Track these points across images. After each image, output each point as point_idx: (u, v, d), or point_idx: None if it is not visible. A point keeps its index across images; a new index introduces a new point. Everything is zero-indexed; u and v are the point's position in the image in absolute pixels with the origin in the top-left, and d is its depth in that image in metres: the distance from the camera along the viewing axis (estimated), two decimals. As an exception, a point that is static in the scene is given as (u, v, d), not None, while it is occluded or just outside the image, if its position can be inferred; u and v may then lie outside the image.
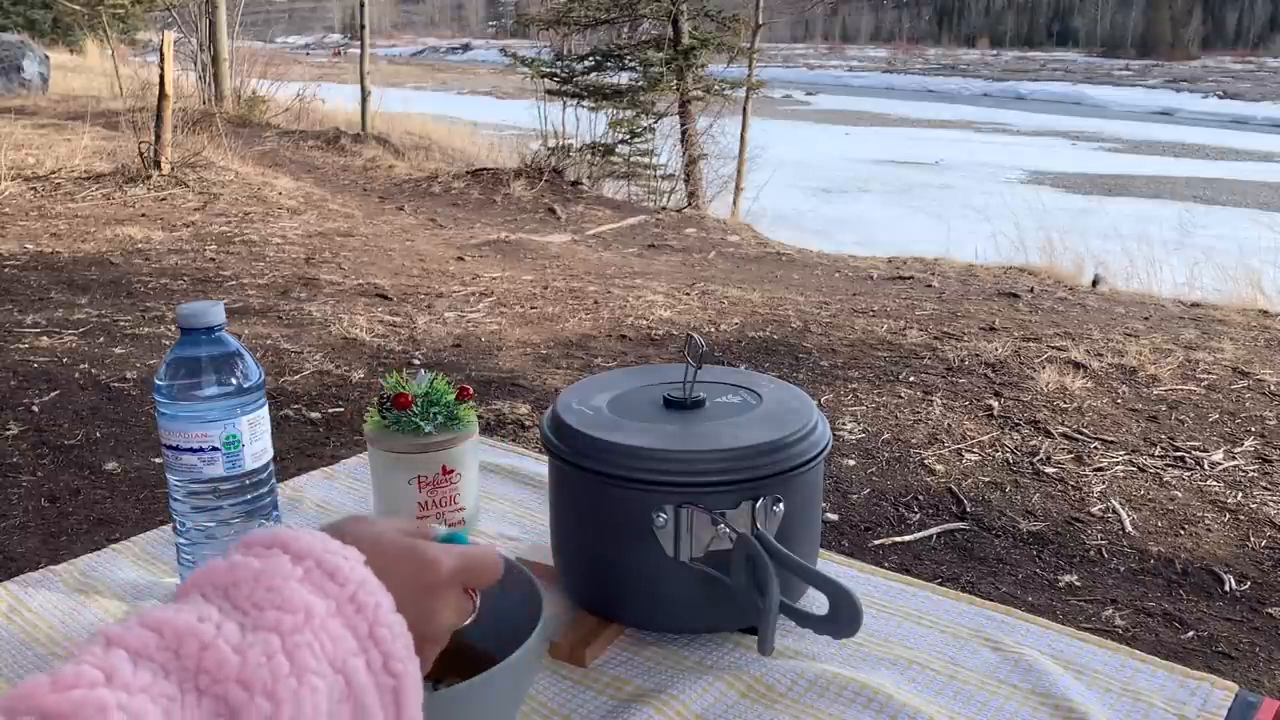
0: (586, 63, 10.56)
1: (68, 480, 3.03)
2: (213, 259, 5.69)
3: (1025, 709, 0.83)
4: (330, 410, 3.59)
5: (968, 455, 3.36)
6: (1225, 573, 2.68)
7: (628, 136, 10.31)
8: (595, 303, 5.09)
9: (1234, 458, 3.39)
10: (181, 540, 0.98)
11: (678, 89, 10.33)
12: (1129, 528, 2.90)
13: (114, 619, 0.96)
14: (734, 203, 10.33)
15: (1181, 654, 2.33)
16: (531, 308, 4.98)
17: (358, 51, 12.18)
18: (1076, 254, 7.10)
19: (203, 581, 0.49)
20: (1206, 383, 4.09)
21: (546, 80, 10.39)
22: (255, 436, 0.96)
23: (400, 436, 1.05)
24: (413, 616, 0.52)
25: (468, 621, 0.61)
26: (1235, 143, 20.27)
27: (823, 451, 0.91)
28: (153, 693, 0.42)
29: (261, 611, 0.47)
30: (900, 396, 3.85)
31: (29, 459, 3.16)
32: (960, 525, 2.90)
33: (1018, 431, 3.55)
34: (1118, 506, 3.02)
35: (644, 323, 4.77)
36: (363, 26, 11.74)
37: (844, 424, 3.56)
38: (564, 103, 10.29)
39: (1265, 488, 3.17)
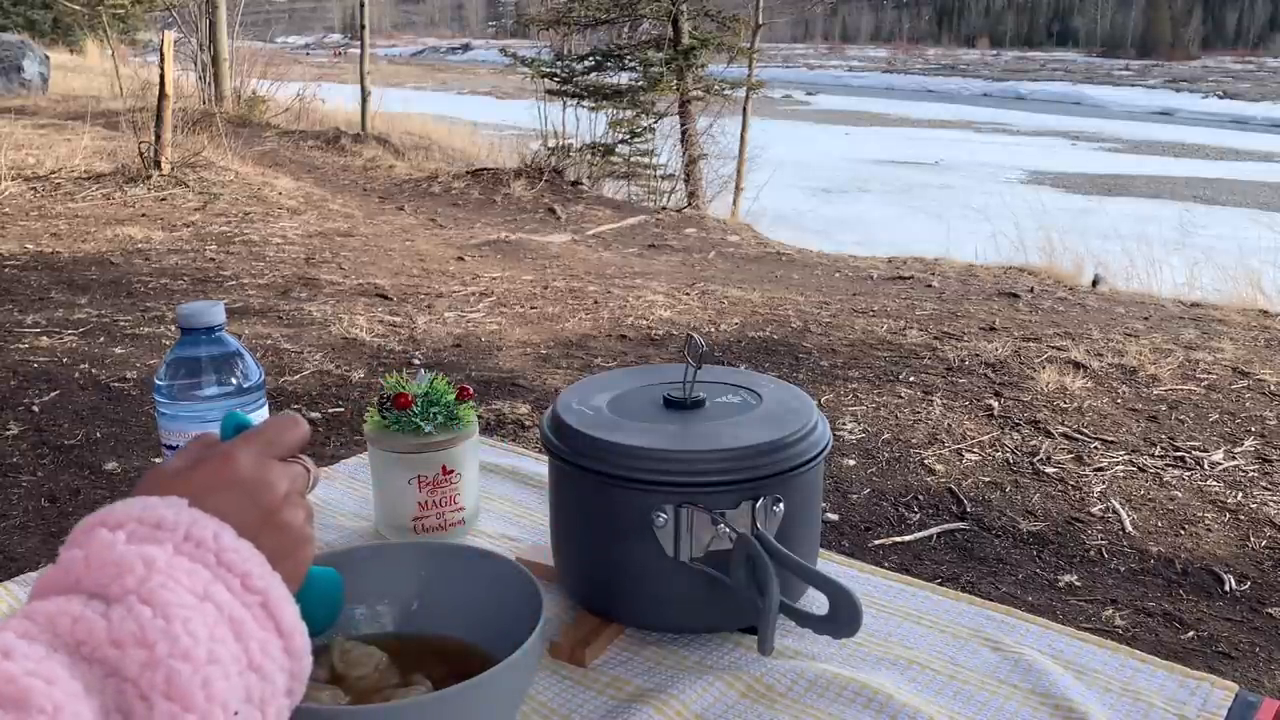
0: (586, 63, 10.56)
1: (68, 480, 3.03)
2: (213, 259, 5.69)
3: (1025, 709, 0.83)
4: (330, 410, 3.59)
5: (968, 455, 3.36)
6: (1225, 573, 2.68)
7: (628, 136, 10.31)
8: (595, 303, 5.09)
9: (1234, 458, 3.39)
10: (181, 540, 0.98)
11: (678, 89, 10.33)
12: (1129, 528, 2.90)
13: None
14: (734, 203, 10.33)
15: (1181, 654, 2.33)
16: (531, 308, 4.98)
17: (358, 51, 12.17)
18: (1076, 254, 7.10)
19: (46, 588, 0.49)
20: (1206, 383, 4.09)
21: (546, 80, 10.39)
22: (255, 436, 0.96)
23: (400, 436, 1.05)
24: (254, 525, 0.53)
25: (312, 485, 0.60)
26: (1235, 143, 20.27)
27: (823, 451, 0.91)
28: (53, 661, 0.44)
29: (108, 585, 0.47)
30: (900, 396, 3.85)
31: (29, 459, 3.17)
32: (960, 525, 2.90)
33: (1018, 431, 3.55)
34: (1118, 506, 3.02)
35: (644, 323, 4.77)
36: (363, 26, 11.73)
37: (844, 424, 3.56)
38: (564, 103, 10.29)
39: (1265, 488, 3.17)
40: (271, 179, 8.15)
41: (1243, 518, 2.98)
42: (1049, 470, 3.26)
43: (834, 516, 2.94)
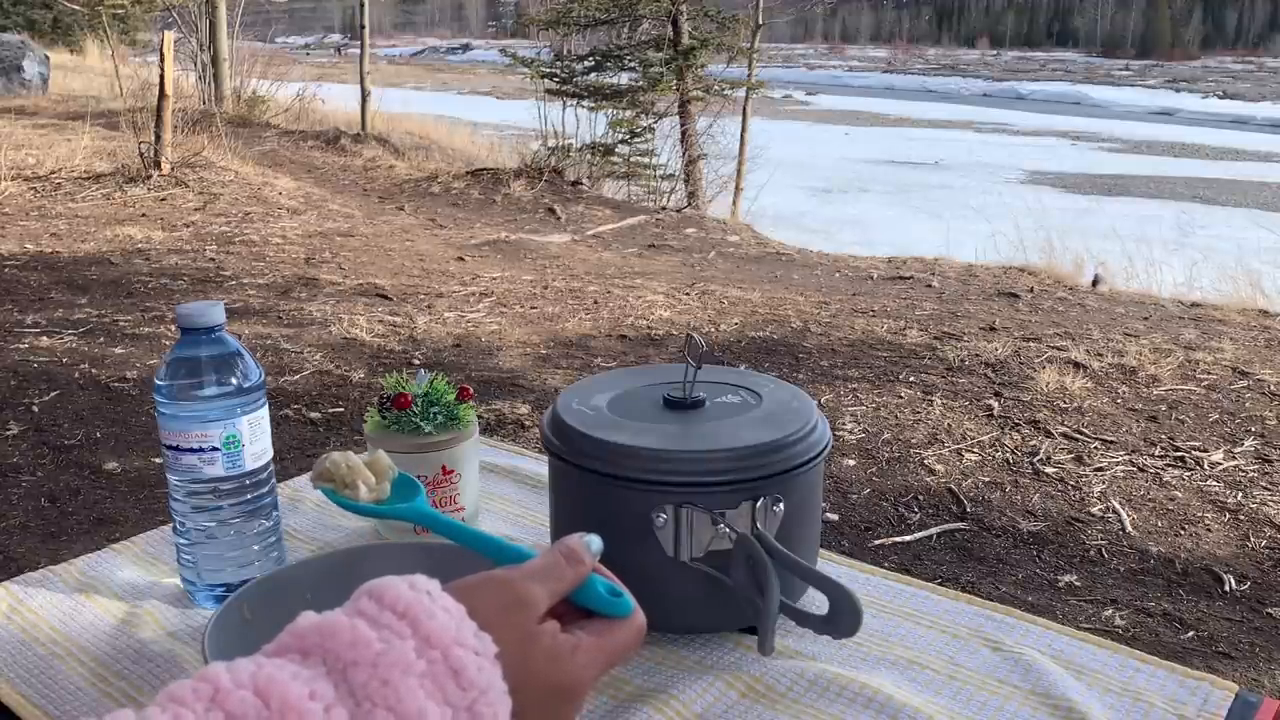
0: (586, 63, 10.56)
1: (68, 480, 3.03)
2: (213, 259, 5.69)
3: (1025, 709, 0.83)
4: (330, 410, 3.59)
5: (968, 455, 3.36)
6: (1225, 573, 2.68)
7: (628, 136, 10.31)
8: (595, 303, 5.09)
9: (1234, 458, 3.39)
10: (181, 540, 0.98)
11: (678, 89, 10.33)
12: (1129, 528, 2.90)
13: (113, 619, 0.96)
14: (734, 203, 10.33)
15: (1181, 654, 2.33)
16: (531, 308, 4.98)
17: (357, 51, 12.17)
18: (1076, 254, 7.09)
19: (328, 643, 0.46)
20: (1206, 383, 4.08)
21: (546, 80, 10.39)
22: (255, 436, 0.96)
23: (400, 436, 1.05)
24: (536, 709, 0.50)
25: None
26: (1235, 143, 20.25)
27: (823, 451, 0.91)
28: None
29: (373, 707, 0.44)
30: (900, 396, 3.85)
31: (29, 459, 3.16)
32: (960, 525, 2.90)
33: (1018, 431, 3.55)
34: (1118, 506, 3.02)
35: (644, 323, 4.77)
36: (363, 27, 11.72)
37: (844, 424, 3.56)
38: (564, 103, 10.29)
39: (1265, 488, 3.17)
40: (271, 179, 8.15)
41: (1243, 518, 2.98)
42: (1049, 470, 3.26)
43: (834, 516, 2.94)
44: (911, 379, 4.05)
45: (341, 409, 3.60)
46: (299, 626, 0.47)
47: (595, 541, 0.59)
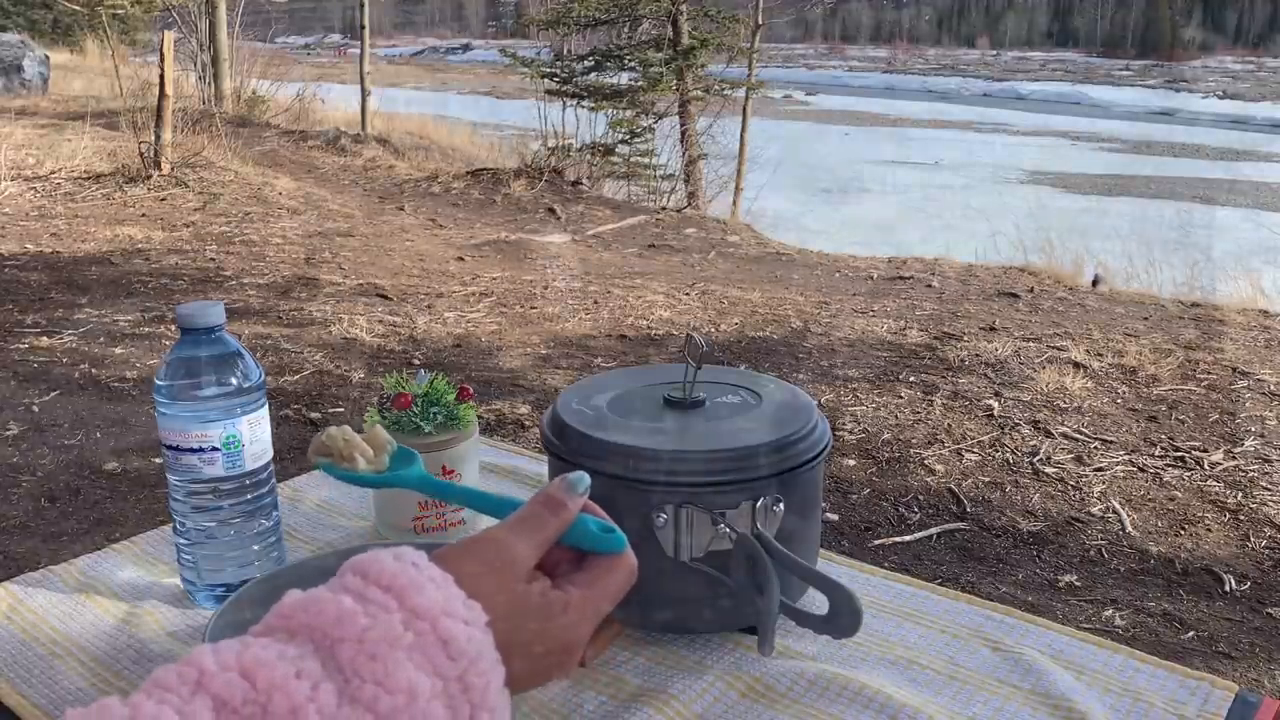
0: (586, 63, 10.56)
1: (68, 480, 3.03)
2: (213, 259, 5.69)
3: (1025, 709, 0.83)
4: (330, 410, 3.59)
5: (968, 455, 3.36)
6: (1225, 573, 2.68)
7: (628, 136, 10.31)
8: (595, 303, 5.09)
9: (1234, 458, 3.38)
10: (181, 540, 0.98)
11: (678, 89, 10.33)
12: (1129, 528, 2.90)
13: (113, 619, 0.96)
14: (734, 203, 10.32)
15: (1181, 654, 2.33)
16: (531, 308, 4.98)
17: (358, 51, 12.17)
18: (1076, 254, 7.10)
19: (314, 621, 0.46)
20: (1206, 383, 4.08)
21: (546, 80, 10.39)
22: (255, 436, 0.96)
23: (400, 436, 1.05)
24: (531, 678, 0.51)
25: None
26: (1235, 143, 20.24)
27: (823, 451, 0.90)
28: None
29: (361, 683, 0.43)
30: (900, 396, 3.85)
31: (29, 459, 3.16)
32: (960, 525, 2.90)
33: (1018, 431, 3.55)
34: (1118, 506, 3.02)
35: (644, 323, 4.77)
36: (363, 27, 11.72)
37: (844, 424, 3.56)
38: (564, 103, 10.29)
39: (1265, 488, 3.17)
40: (271, 179, 8.15)
41: (1243, 518, 2.98)
42: (1049, 470, 3.25)
43: (834, 516, 2.94)
44: (911, 379, 4.05)
45: (341, 409, 3.60)
46: (284, 606, 0.47)
47: (582, 481, 0.58)
